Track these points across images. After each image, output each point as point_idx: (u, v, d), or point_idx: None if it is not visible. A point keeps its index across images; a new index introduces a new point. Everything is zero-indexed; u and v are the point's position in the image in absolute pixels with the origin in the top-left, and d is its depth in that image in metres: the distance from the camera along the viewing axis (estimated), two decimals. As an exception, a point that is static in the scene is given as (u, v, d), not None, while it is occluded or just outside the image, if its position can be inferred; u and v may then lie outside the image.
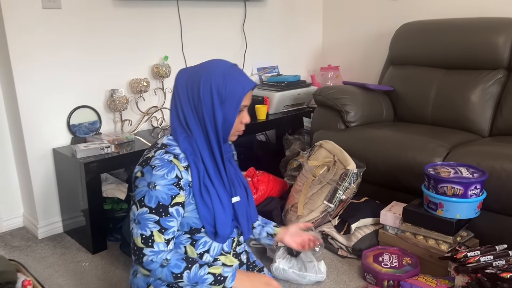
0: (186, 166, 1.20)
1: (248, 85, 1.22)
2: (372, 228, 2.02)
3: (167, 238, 1.17)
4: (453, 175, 1.75)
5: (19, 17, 2.01)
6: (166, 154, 1.18)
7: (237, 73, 1.22)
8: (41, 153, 2.18)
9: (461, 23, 2.44)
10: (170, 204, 1.16)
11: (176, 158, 1.18)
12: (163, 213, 1.15)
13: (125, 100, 2.33)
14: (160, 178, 1.14)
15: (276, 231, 1.45)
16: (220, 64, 1.23)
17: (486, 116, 2.30)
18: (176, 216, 1.18)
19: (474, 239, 1.86)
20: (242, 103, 1.21)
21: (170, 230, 1.17)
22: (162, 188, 1.15)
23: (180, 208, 1.18)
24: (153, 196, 1.15)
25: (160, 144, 1.23)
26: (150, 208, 1.15)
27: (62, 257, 2.05)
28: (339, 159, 2.11)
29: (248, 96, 1.23)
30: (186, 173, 1.19)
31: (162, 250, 1.16)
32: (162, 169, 1.15)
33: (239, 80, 1.21)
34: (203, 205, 1.21)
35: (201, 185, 1.21)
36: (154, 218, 1.15)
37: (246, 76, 1.23)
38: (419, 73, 2.54)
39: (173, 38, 2.57)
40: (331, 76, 3.17)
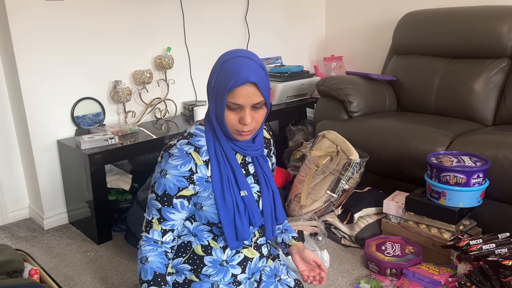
0: (206, 160, 1.17)
1: (237, 81, 1.07)
2: (375, 217, 2.03)
3: (165, 229, 1.16)
4: (455, 164, 1.75)
5: (22, 9, 2.02)
6: (187, 146, 1.16)
7: (234, 65, 1.09)
8: (46, 145, 2.20)
9: (465, 12, 2.42)
10: (176, 195, 1.15)
11: (196, 151, 1.16)
12: (166, 203, 1.15)
13: (129, 91, 2.34)
14: (172, 168, 1.14)
15: (292, 243, 1.36)
16: (229, 53, 1.14)
17: (489, 105, 2.29)
18: (179, 208, 1.16)
19: (477, 228, 1.87)
20: (230, 100, 1.09)
21: (169, 222, 1.16)
22: (172, 178, 1.14)
23: (185, 201, 1.17)
24: (162, 184, 1.15)
25: (187, 132, 1.21)
26: (157, 195, 1.15)
27: (68, 247, 2.08)
28: (342, 149, 2.11)
29: (239, 94, 1.08)
30: (205, 167, 1.16)
31: (155, 239, 1.16)
32: (177, 160, 1.14)
33: (231, 73, 1.08)
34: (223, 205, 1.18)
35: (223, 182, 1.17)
36: (157, 205, 1.16)
37: (244, 70, 1.08)
38: (422, 62, 2.53)
39: (175, 29, 2.57)
40: (334, 66, 3.16)
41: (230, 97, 1.09)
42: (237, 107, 1.10)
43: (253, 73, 1.08)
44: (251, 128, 1.13)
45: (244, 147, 1.21)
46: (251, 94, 1.09)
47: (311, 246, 1.83)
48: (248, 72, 1.08)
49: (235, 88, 1.07)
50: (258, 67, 1.11)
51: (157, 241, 1.16)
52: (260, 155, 1.27)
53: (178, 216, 1.17)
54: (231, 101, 1.09)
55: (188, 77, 2.68)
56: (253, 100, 1.09)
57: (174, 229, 1.18)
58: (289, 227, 1.42)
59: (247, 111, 1.11)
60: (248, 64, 1.09)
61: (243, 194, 1.20)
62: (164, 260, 1.16)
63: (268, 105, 1.15)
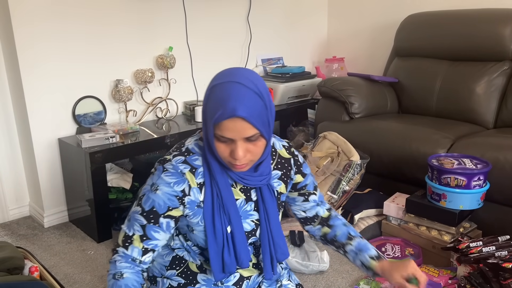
0: (201, 183, 1.06)
1: (223, 114, 0.94)
2: (375, 219, 2.03)
3: (146, 247, 1.05)
4: (456, 166, 1.75)
5: (25, 7, 2.02)
6: (182, 165, 1.05)
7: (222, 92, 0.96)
8: (47, 143, 2.20)
9: (467, 15, 2.42)
10: (164, 214, 1.04)
11: (192, 172, 1.05)
12: (152, 220, 1.04)
13: (130, 90, 2.34)
14: (165, 184, 1.04)
15: (372, 264, 1.15)
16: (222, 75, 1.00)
17: (491, 108, 2.29)
18: (164, 228, 1.05)
19: (477, 230, 1.87)
20: (218, 133, 0.97)
21: (152, 242, 1.05)
22: (163, 195, 1.04)
23: (172, 222, 1.06)
24: (151, 199, 1.04)
25: (185, 147, 1.09)
26: (143, 210, 1.05)
27: (67, 245, 2.08)
28: (343, 150, 2.12)
29: (226, 127, 0.95)
30: (198, 191, 1.06)
31: (133, 256, 1.05)
32: (171, 177, 1.04)
33: (218, 103, 0.95)
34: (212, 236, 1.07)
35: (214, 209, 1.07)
36: (142, 221, 1.05)
37: (232, 101, 0.94)
38: (424, 64, 2.53)
39: (177, 28, 2.57)
40: (336, 68, 3.16)
41: (218, 129, 0.97)
42: (227, 140, 0.98)
43: (243, 104, 0.93)
44: (246, 161, 1.01)
45: (243, 176, 1.08)
46: (239, 129, 0.95)
47: (311, 247, 1.84)
48: (236, 104, 0.93)
49: (221, 121, 0.95)
50: (252, 95, 0.95)
51: (136, 259, 1.05)
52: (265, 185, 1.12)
53: (163, 236, 1.06)
54: (219, 133, 0.97)
55: (189, 76, 2.68)
56: (243, 134, 0.96)
57: (156, 250, 1.07)
58: (364, 246, 1.20)
59: (239, 144, 0.97)
60: (239, 92, 0.94)
61: (229, 230, 1.08)
62: (140, 280, 1.05)
63: (268, 135, 1.01)
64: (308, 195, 1.27)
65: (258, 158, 1.04)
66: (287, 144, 1.22)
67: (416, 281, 1.05)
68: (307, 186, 1.26)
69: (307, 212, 1.29)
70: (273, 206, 1.14)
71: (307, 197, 1.27)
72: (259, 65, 3.02)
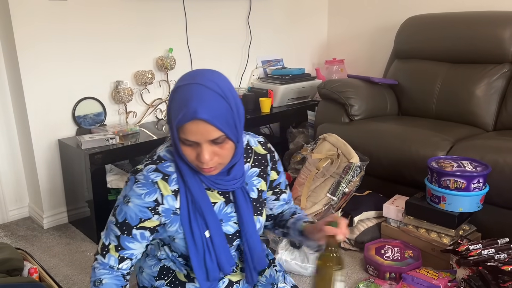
0: (176, 190, 1.04)
1: (184, 116, 0.92)
2: (374, 221, 2.03)
3: (122, 256, 1.05)
4: (456, 169, 1.75)
5: (25, 9, 2.02)
6: (154, 173, 1.03)
7: (184, 94, 0.94)
8: (47, 144, 2.20)
9: (467, 17, 2.42)
10: (136, 226, 1.04)
11: (164, 180, 1.03)
12: (125, 232, 1.04)
13: (130, 92, 2.34)
14: (136, 196, 1.02)
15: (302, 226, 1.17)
16: (185, 77, 0.98)
17: (490, 110, 2.29)
18: (139, 239, 1.05)
19: (476, 233, 1.87)
20: (182, 136, 0.95)
21: (127, 251, 1.05)
22: (134, 207, 1.02)
23: (146, 232, 1.05)
24: (123, 211, 1.04)
25: (157, 155, 1.07)
26: (117, 221, 1.05)
27: (67, 247, 2.08)
28: (342, 152, 2.12)
29: (189, 130, 0.93)
30: (173, 198, 1.04)
31: (110, 264, 1.05)
32: (142, 188, 1.02)
33: (180, 105, 0.94)
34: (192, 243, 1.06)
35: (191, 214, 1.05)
36: (116, 232, 1.05)
37: (194, 103, 0.92)
38: (424, 66, 2.53)
39: (178, 30, 2.57)
40: (335, 70, 3.16)
41: (181, 133, 0.95)
42: (192, 143, 0.96)
43: (204, 106, 0.91)
44: (215, 164, 0.98)
45: (216, 181, 1.05)
46: (202, 131, 0.93)
47: (310, 248, 1.84)
48: (198, 106, 0.91)
49: (183, 124, 0.93)
50: (215, 96, 0.93)
51: (113, 266, 1.06)
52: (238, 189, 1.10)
53: (138, 246, 1.06)
54: (183, 137, 0.95)
55: (189, 78, 2.68)
56: (207, 136, 0.94)
57: (133, 258, 1.07)
58: (302, 216, 1.22)
59: (204, 147, 0.95)
60: (199, 94, 0.92)
61: (208, 235, 1.06)
62: (121, 282, 1.06)
63: (235, 137, 0.99)
64: (280, 194, 1.26)
65: (228, 161, 1.01)
66: (263, 140, 1.20)
67: (336, 223, 1.02)
68: (280, 184, 1.25)
69: (273, 209, 1.28)
70: (247, 210, 1.11)
71: (278, 195, 1.26)
72: (259, 66, 3.03)
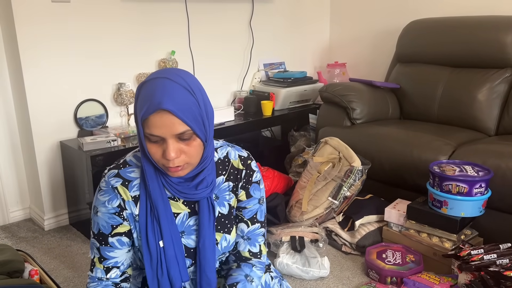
0: (136, 196, 1.03)
1: (149, 108, 0.89)
2: (376, 225, 2.03)
3: (107, 266, 1.06)
4: (458, 173, 1.75)
5: (28, 11, 2.03)
6: (114, 179, 1.02)
7: (149, 89, 0.91)
8: (48, 145, 2.20)
9: (469, 22, 2.42)
10: (110, 234, 1.04)
11: (124, 185, 1.02)
12: (103, 242, 1.05)
13: (132, 94, 2.34)
14: (101, 204, 1.03)
15: None
16: (151, 74, 0.96)
17: (492, 114, 2.29)
18: (118, 246, 1.05)
19: (478, 238, 1.86)
20: (147, 131, 0.92)
21: (110, 261, 1.05)
22: (103, 216, 1.03)
23: (123, 237, 1.05)
24: (96, 222, 1.05)
25: (122, 160, 1.06)
26: (93, 233, 1.06)
27: (68, 248, 2.07)
28: (344, 156, 2.11)
29: (153, 123, 0.90)
30: (132, 204, 1.03)
31: (98, 277, 1.06)
32: (104, 195, 1.03)
33: (144, 99, 0.91)
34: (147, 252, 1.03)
35: (148, 223, 1.02)
36: (96, 244, 1.06)
37: (158, 95, 0.89)
38: (426, 71, 2.53)
39: (180, 33, 2.58)
40: (337, 73, 3.17)
41: (146, 127, 0.92)
42: (157, 139, 0.92)
43: (168, 97, 0.89)
44: (182, 162, 0.94)
45: (181, 189, 1.01)
46: (168, 124, 0.90)
47: (311, 252, 1.83)
48: (162, 97, 0.89)
49: (147, 116, 0.90)
50: (180, 89, 0.91)
51: (101, 278, 1.06)
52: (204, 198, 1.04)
53: (119, 253, 1.06)
54: (147, 132, 0.92)
55: (191, 80, 2.68)
56: (173, 130, 0.90)
57: (120, 265, 1.06)
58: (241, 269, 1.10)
59: (170, 143, 0.91)
60: (165, 87, 0.90)
61: (161, 244, 1.03)
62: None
63: (203, 135, 0.95)
64: (239, 222, 1.12)
65: (196, 161, 0.97)
66: (246, 155, 1.12)
67: None
68: (245, 210, 1.11)
69: None
70: (208, 222, 1.04)
71: (237, 222, 1.12)
72: (261, 69, 3.03)
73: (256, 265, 1.12)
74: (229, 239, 1.09)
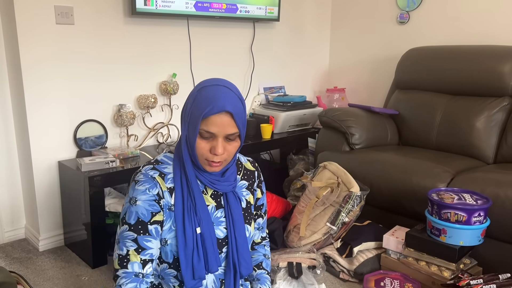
0: (171, 187, 1.13)
1: (213, 108, 1.04)
2: (374, 252, 2.01)
3: (144, 259, 1.08)
4: (456, 201, 1.74)
5: (32, 31, 2.05)
6: (152, 171, 1.13)
7: (212, 92, 1.06)
8: (47, 165, 2.20)
9: (467, 50, 2.46)
10: (150, 221, 1.09)
11: (161, 177, 1.13)
12: (141, 231, 1.09)
13: (132, 115, 2.35)
14: (141, 193, 1.10)
15: None
16: (208, 81, 1.11)
17: (491, 143, 2.30)
18: (155, 235, 1.10)
19: (477, 267, 1.84)
20: (204, 128, 1.06)
21: (148, 251, 1.09)
22: (143, 204, 1.09)
23: (159, 227, 1.11)
24: (133, 212, 1.09)
25: (154, 159, 1.18)
26: (130, 225, 1.09)
27: (62, 270, 2.04)
28: (343, 181, 2.11)
29: (213, 122, 1.05)
30: (169, 195, 1.12)
31: (135, 271, 1.07)
32: (144, 184, 1.10)
33: (208, 100, 1.05)
34: (182, 239, 1.10)
35: (185, 211, 1.11)
36: (133, 235, 1.08)
37: (222, 99, 1.05)
38: (424, 98, 2.55)
39: (182, 56, 2.61)
40: (337, 98, 3.19)
41: (204, 124, 1.06)
42: (209, 136, 1.07)
43: (230, 103, 1.06)
44: (222, 159, 1.09)
45: (212, 181, 1.15)
46: (225, 124, 1.06)
47: (309, 279, 1.81)
48: (225, 101, 1.05)
49: (210, 115, 1.05)
50: (237, 98, 1.08)
51: (139, 274, 1.08)
52: (230, 192, 1.19)
53: (155, 244, 1.11)
54: (204, 128, 1.06)
55: (192, 103, 2.70)
56: (227, 130, 1.06)
57: (153, 259, 1.11)
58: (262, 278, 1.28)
59: (220, 141, 1.07)
60: (226, 93, 1.07)
61: (199, 231, 1.12)
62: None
63: (242, 138, 1.11)
64: (257, 217, 1.33)
65: (230, 159, 1.13)
66: (252, 159, 1.33)
67: None
68: (263, 206, 1.33)
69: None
70: (238, 212, 1.19)
71: (256, 218, 1.32)
72: (261, 93, 3.05)
73: (266, 244, 1.38)
74: (250, 230, 1.24)
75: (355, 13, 3.22)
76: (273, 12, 2.88)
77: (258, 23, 2.92)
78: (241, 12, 2.71)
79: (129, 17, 2.35)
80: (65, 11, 2.12)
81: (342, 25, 3.32)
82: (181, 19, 2.55)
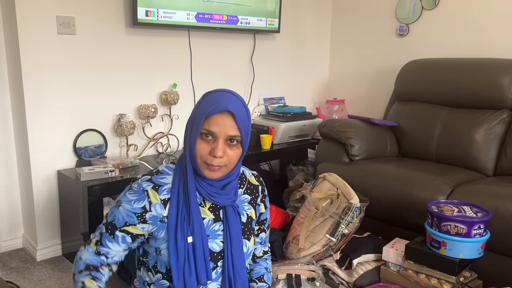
0: (165, 199, 1.13)
1: (216, 108, 1.07)
2: (374, 264, 2.00)
3: (99, 251, 1.14)
4: (456, 214, 1.74)
5: (34, 40, 2.06)
6: (146, 183, 1.14)
7: (216, 96, 1.10)
8: (46, 174, 2.19)
9: (466, 63, 2.47)
10: (120, 228, 1.13)
11: (155, 189, 1.13)
12: (109, 231, 1.14)
13: (132, 125, 2.36)
14: (127, 202, 1.13)
15: None
16: (215, 89, 1.15)
17: (490, 155, 2.30)
18: (119, 241, 1.13)
19: (478, 280, 1.83)
20: (206, 127, 1.07)
21: (104, 248, 1.14)
22: (123, 211, 1.12)
23: (128, 237, 1.13)
24: (113, 213, 1.14)
25: (156, 170, 1.19)
26: (106, 221, 1.16)
27: (59, 280, 2.03)
28: (342, 193, 2.10)
29: (215, 121, 1.07)
30: (161, 206, 1.12)
31: (90, 251, 1.16)
32: (133, 195, 1.13)
33: (211, 102, 1.09)
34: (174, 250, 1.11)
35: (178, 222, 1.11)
36: (102, 229, 1.15)
37: (225, 101, 1.08)
38: (424, 110, 2.56)
39: (182, 66, 2.62)
40: (336, 109, 3.20)
41: (206, 124, 1.08)
42: (210, 137, 1.08)
43: (233, 105, 1.08)
44: (221, 163, 1.09)
45: (211, 193, 1.14)
46: (227, 125, 1.07)
47: (308, 291, 1.79)
48: (229, 103, 1.08)
49: (212, 114, 1.07)
50: (241, 104, 1.11)
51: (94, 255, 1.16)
52: (230, 205, 1.18)
53: (116, 247, 1.14)
54: (206, 128, 1.08)
55: (192, 113, 2.71)
56: (228, 131, 1.07)
57: (109, 257, 1.15)
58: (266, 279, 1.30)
59: (220, 142, 1.08)
60: (230, 97, 1.10)
61: (190, 240, 1.11)
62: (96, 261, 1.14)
63: (244, 146, 1.12)
64: (260, 232, 1.34)
65: (232, 167, 1.12)
66: (256, 173, 1.33)
67: None
68: (266, 221, 1.33)
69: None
70: (237, 226, 1.18)
71: (259, 232, 1.33)
72: (261, 104, 3.06)
73: (268, 258, 1.38)
74: (248, 246, 1.22)
75: (355, 25, 3.24)
76: (273, 24, 2.90)
77: (259, 35, 2.94)
78: (242, 23, 2.73)
79: (130, 28, 2.36)
80: (67, 21, 2.14)
81: (342, 36, 3.35)
82: (182, 30, 2.57)
